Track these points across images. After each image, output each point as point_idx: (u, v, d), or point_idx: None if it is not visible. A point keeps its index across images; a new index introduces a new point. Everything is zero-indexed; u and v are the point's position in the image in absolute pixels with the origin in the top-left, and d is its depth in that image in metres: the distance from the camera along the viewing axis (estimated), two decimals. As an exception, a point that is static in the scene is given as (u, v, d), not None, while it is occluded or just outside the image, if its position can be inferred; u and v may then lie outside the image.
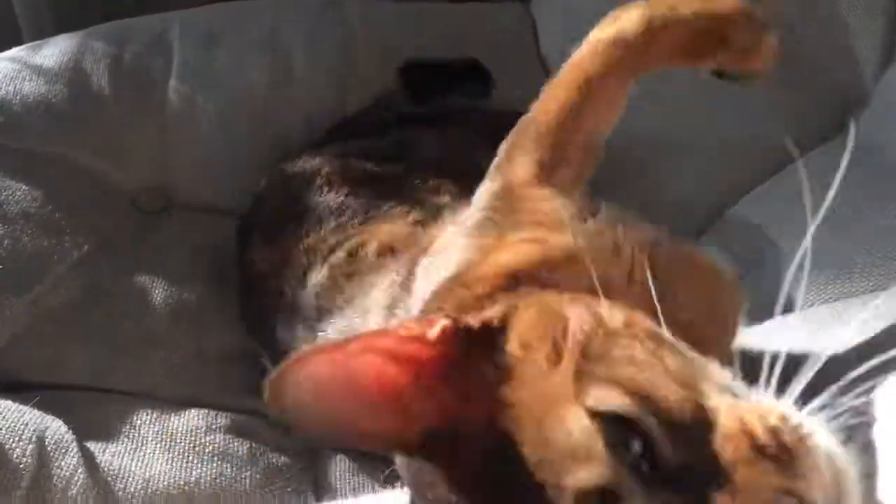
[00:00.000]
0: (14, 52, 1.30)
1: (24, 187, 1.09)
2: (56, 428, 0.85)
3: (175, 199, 1.26)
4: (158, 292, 1.07)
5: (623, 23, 0.71)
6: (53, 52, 1.28)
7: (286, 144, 1.27)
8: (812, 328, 0.74)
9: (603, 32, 0.72)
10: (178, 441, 0.91)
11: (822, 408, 0.46)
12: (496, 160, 0.74)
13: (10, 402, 0.86)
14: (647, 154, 1.15)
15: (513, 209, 0.68)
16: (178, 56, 1.30)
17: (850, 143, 0.79)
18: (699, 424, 0.45)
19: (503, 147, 0.74)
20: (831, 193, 0.52)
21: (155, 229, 1.20)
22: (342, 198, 1.02)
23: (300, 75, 1.31)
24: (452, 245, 0.69)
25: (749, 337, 0.81)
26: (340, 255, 0.93)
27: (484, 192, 0.72)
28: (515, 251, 0.62)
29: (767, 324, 0.82)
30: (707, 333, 0.60)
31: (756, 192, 1.07)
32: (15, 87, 1.20)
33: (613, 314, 0.52)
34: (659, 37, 0.71)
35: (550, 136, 0.71)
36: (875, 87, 1.06)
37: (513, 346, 0.51)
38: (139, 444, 0.89)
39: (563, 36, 1.39)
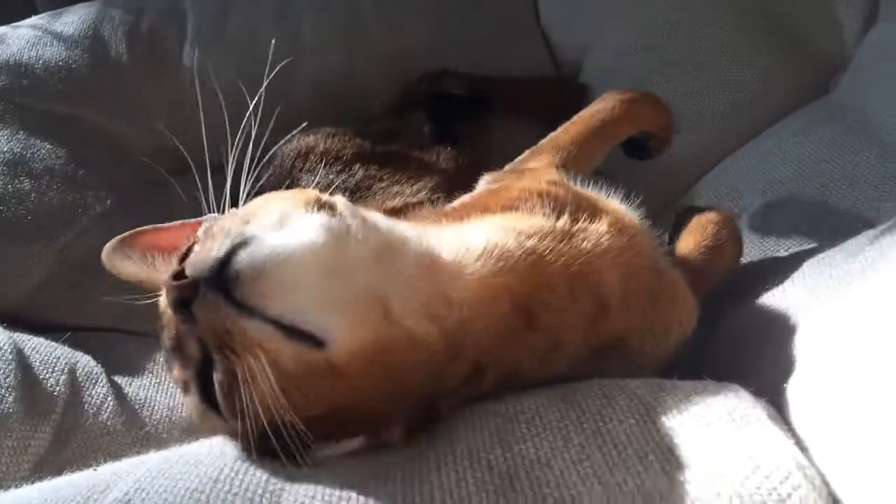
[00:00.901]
0: (35, 19, 1.35)
1: (47, 146, 1.15)
2: (86, 362, 0.91)
3: (190, 159, 1.32)
4: (177, 243, 1.13)
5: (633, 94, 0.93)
6: (73, 19, 1.33)
7: (294, 110, 1.32)
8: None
9: (622, 95, 0.93)
10: (199, 376, 0.97)
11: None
12: (512, 163, 0.86)
13: (42, 339, 0.93)
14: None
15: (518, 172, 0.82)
16: (191, 24, 1.36)
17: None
18: None
19: (521, 156, 0.87)
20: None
21: (173, 187, 1.25)
22: (332, 176, 1.07)
23: (309, 43, 1.36)
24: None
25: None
26: None
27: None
28: None
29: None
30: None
31: (739, 152, 1.12)
32: (37, 53, 1.25)
33: None
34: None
35: (564, 151, 0.86)
36: (855, 51, 1.10)
37: None
38: (162, 379, 0.95)
39: (565, 8, 1.44)
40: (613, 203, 0.75)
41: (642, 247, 0.70)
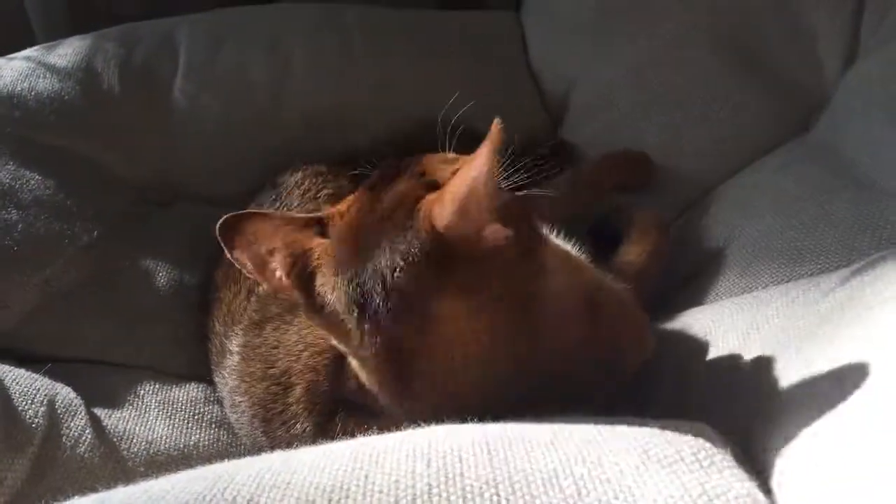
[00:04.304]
0: (29, 51, 1.36)
1: (37, 176, 1.16)
2: (65, 394, 0.92)
3: (179, 191, 1.33)
4: (162, 275, 1.14)
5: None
6: (66, 52, 1.35)
7: (285, 142, 1.34)
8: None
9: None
10: (179, 409, 0.97)
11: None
12: None
13: (23, 371, 0.93)
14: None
15: None
16: (184, 57, 1.37)
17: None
18: None
19: None
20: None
21: (159, 218, 1.26)
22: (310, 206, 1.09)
23: (300, 77, 1.37)
24: None
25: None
26: None
27: None
28: None
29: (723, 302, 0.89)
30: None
31: (719, 188, 1.13)
32: (30, 84, 1.27)
33: None
34: None
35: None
36: (835, 90, 1.12)
37: None
38: (142, 411, 0.96)
39: (551, 44, 1.46)
40: None
41: None
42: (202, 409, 0.98)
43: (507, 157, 0.72)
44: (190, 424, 0.96)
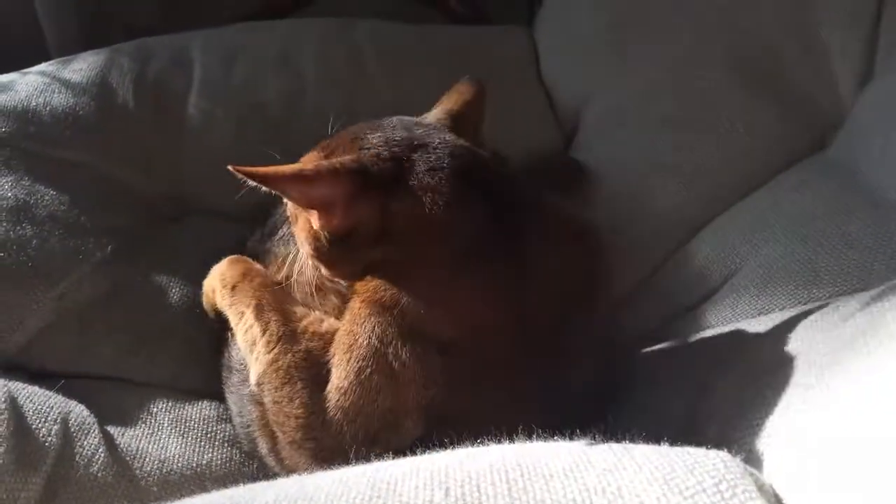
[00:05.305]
0: (44, 66, 1.37)
1: (52, 192, 1.16)
2: (79, 412, 0.92)
3: (191, 206, 1.34)
4: (175, 291, 1.14)
5: None
6: (81, 66, 1.35)
7: (295, 158, 1.34)
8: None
9: None
10: (192, 428, 0.97)
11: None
12: None
13: (36, 388, 0.93)
14: (634, 173, 1.22)
15: None
16: (198, 72, 1.38)
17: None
18: None
19: None
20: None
21: (173, 233, 1.27)
22: None
23: (312, 93, 1.38)
24: None
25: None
26: None
27: None
28: None
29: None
30: None
31: (735, 207, 1.12)
32: (45, 99, 1.27)
33: None
34: None
35: None
36: (851, 108, 1.11)
37: None
38: (155, 429, 0.95)
39: (564, 60, 1.46)
40: None
41: None
42: (215, 428, 0.98)
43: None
44: (203, 443, 0.95)
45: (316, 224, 0.79)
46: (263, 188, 0.76)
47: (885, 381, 0.55)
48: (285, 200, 0.87)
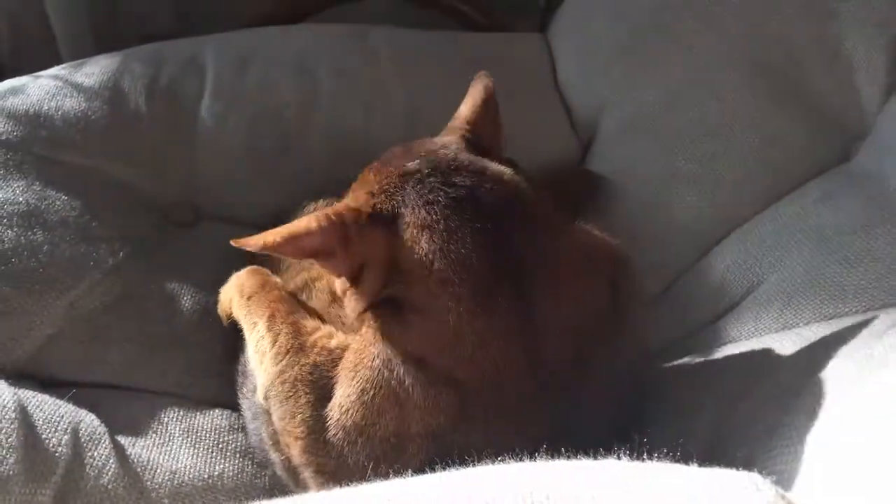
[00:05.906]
0: (56, 69, 1.36)
1: (63, 197, 1.15)
2: (89, 421, 0.91)
3: (203, 212, 1.32)
4: (186, 298, 1.13)
5: None
6: (93, 70, 1.34)
7: (311, 165, 1.33)
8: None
9: None
10: (203, 438, 0.96)
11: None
12: None
13: (46, 397, 0.92)
14: (652, 183, 1.21)
15: None
16: (211, 77, 1.36)
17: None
18: None
19: None
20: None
21: (184, 240, 1.25)
22: None
23: (326, 100, 1.36)
24: None
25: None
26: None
27: None
28: None
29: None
30: None
31: (758, 217, 1.10)
32: (57, 104, 1.26)
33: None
34: None
35: None
36: (876, 119, 1.09)
37: None
38: (166, 440, 0.94)
39: (582, 67, 1.45)
40: None
41: None
42: (226, 438, 0.97)
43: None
44: (214, 454, 0.94)
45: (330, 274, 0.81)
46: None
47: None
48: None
